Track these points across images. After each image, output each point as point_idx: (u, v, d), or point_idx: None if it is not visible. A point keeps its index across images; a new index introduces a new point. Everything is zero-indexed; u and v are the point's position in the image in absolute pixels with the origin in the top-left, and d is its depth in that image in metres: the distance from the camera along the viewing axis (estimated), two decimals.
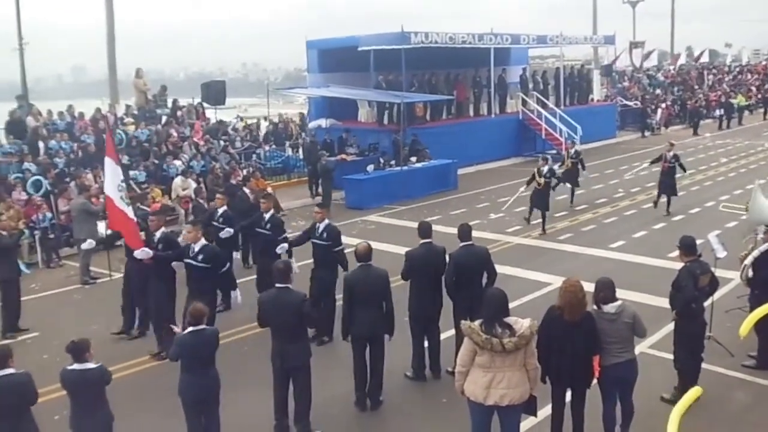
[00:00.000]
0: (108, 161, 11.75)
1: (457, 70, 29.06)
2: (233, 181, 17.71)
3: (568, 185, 19.80)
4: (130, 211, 11.30)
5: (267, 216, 12.00)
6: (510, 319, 6.59)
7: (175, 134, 22.20)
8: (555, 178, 17.88)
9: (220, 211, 13.14)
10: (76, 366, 6.70)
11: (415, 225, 9.96)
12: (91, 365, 6.73)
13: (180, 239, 11.05)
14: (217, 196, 13.68)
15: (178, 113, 24.28)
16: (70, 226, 16.17)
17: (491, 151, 27.77)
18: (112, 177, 11.55)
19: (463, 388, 6.77)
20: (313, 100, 29.71)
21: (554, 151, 26.93)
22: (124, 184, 11.66)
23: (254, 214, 15.77)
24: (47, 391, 7.77)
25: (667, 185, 18.62)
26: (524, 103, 30.06)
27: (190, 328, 7.40)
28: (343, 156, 22.82)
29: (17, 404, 6.58)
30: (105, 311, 12.48)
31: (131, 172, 19.49)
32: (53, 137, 20.15)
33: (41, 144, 19.90)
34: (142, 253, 10.29)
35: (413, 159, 23.37)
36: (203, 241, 9.96)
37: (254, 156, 23.61)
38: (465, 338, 6.68)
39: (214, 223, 12.87)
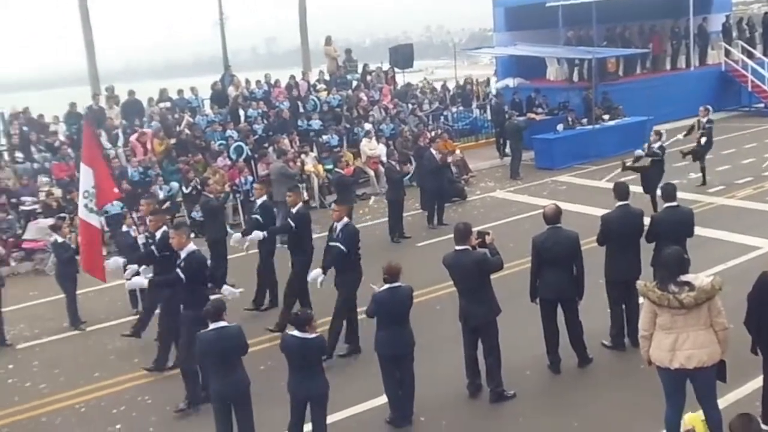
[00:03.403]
0: (82, 166, 11.15)
1: (653, 22, 27.40)
2: (421, 143, 17.87)
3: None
4: (95, 220, 10.86)
5: (293, 210, 10.83)
6: (688, 276, 6.25)
7: (365, 98, 22.69)
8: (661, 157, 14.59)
9: (259, 202, 11.95)
10: (297, 333, 6.99)
11: (608, 186, 9.55)
12: (310, 335, 6.97)
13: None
14: (256, 186, 12.80)
15: (368, 78, 24.76)
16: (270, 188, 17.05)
17: (690, 106, 25.70)
18: (82, 183, 10.96)
19: (649, 355, 6.49)
20: (500, 59, 29.23)
21: (761, 105, 24.83)
22: (93, 190, 10.69)
23: (441, 174, 16.03)
24: (255, 342, 8.25)
25: None
26: (727, 53, 27.85)
27: (387, 285, 7.60)
28: (532, 115, 22.31)
29: (230, 354, 7.05)
30: None
31: (324, 137, 20.22)
32: (251, 105, 21.24)
33: (241, 112, 21.04)
34: (114, 263, 10.04)
35: (606, 117, 22.43)
36: (191, 247, 8.56)
37: (442, 118, 23.66)
38: (644, 300, 6.41)
39: (254, 216, 11.84)
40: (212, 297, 8.35)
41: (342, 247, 9.43)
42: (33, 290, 13.82)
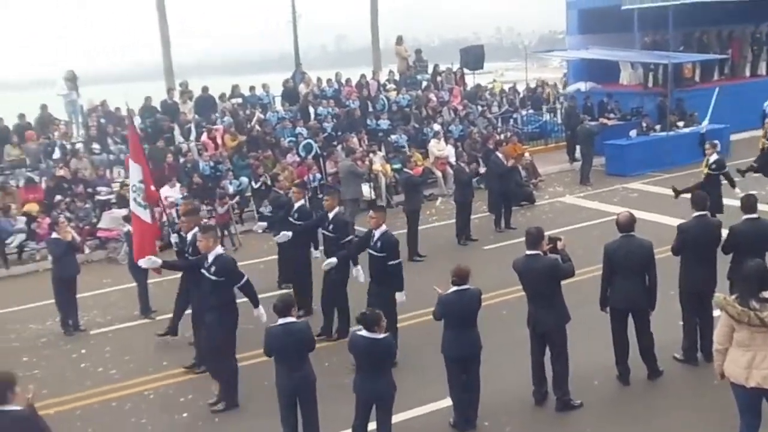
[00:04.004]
0: (130, 162, 11.31)
1: (732, 27, 26.60)
2: (490, 146, 17.75)
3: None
4: (145, 214, 10.71)
5: (331, 215, 10.69)
6: None
7: (434, 99, 22.66)
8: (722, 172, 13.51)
9: (297, 205, 11.80)
10: (365, 333, 6.99)
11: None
12: (379, 336, 6.98)
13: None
14: (294, 189, 12.50)
15: (438, 78, 24.71)
16: (338, 186, 17.16)
17: None
18: (131, 177, 11.06)
19: (722, 369, 6.31)
20: (571, 63, 28.81)
21: None
22: (141, 185, 10.69)
23: (509, 177, 15.88)
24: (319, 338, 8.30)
25: None
26: None
27: (455, 288, 7.57)
28: (604, 120, 21.93)
29: (297, 349, 7.13)
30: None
31: (392, 136, 20.26)
32: (321, 103, 21.41)
33: (311, 109, 21.24)
34: (147, 261, 9.57)
35: (680, 124, 21.90)
36: (218, 249, 8.76)
37: (511, 120, 23.46)
38: (722, 314, 6.24)
39: (290, 219, 11.69)
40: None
41: (388, 260, 9.28)
42: (106, 278, 14.22)
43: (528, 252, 7.90)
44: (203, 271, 8.58)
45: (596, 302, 8.60)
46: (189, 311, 10.13)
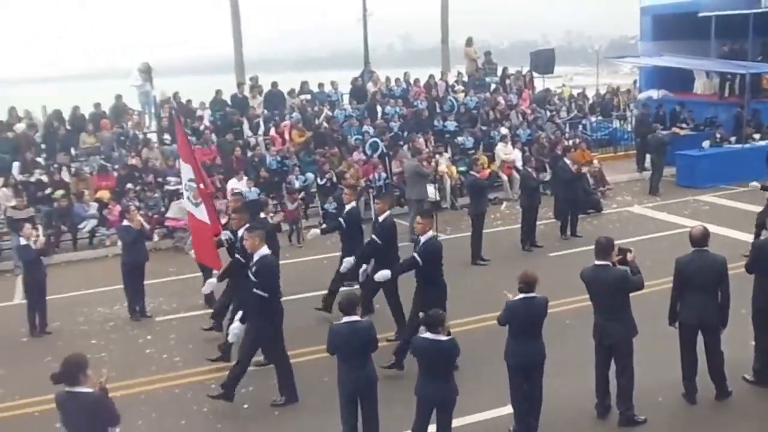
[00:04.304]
0: (180, 161, 11.60)
1: None
2: (558, 151, 17.54)
3: None
4: (199, 212, 10.82)
5: (381, 218, 10.55)
6: None
7: (502, 102, 22.49)
8: None
9: (348, 207, 11.69)
10: (428, 335, 6.97)
11: (756, 209, 8.99)
12: (442, 337, 6.95)
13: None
14: (345, 191, 12.31)
15: (506, 81, 24.50)
16: (402, 186, 17.20)
17: None
18: (183, 176, 11.29)
19: None
20: (643, 69, 28.23)
21: None
22: (192, 184, 10.85)
23: (576, 184, 15.65)
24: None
25: None
26: None
27: (521, 295, 7.48)
28: (677, 130, 21.43)
29: (360, 348, 7.15)
30: None
31: (459, 138, 20.18)
32: (389, 103, 21.44)
33: (379, 108, 21.30)
34: (209, 286, 9.96)
35: (756, 136, 21.24)
36: (264, 250, 8.63)
37: (580, 126, 23.10)
38: None
39: (341, 220, 11.61)
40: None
41: (417, 258, 9.12)
42: (172, 266, 14.50)
43: (597, 262, 7.77)
44: (249, 272, 8.63)
45: (665, 317, 8.41)
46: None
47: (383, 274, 9.55)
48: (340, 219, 11.41)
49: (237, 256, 9.86)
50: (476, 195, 14.41)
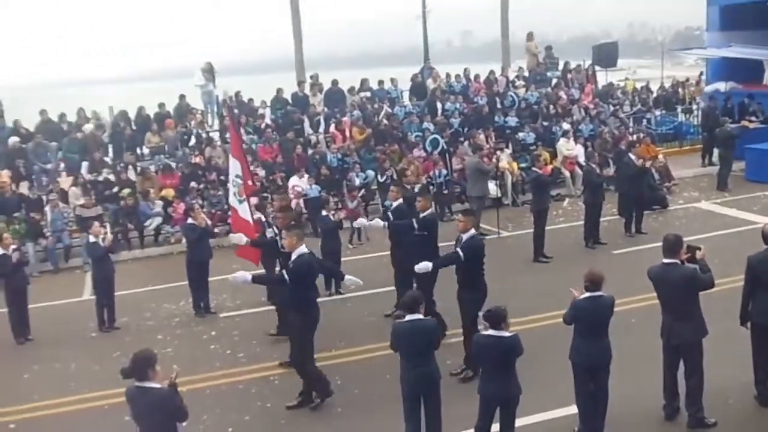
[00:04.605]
0: (230, 157, 11.60)
1: None
2: (622, 146, 17.22)
3: None
4: (242, 209, 10.84)
5: (422, 215, 10.35)
6: None
7: (564, 97, 22.15)
8: None
9: (395, 204, 11.57)
10: (491, 332, 6.93)
11: None
12: (505, 334, 6.90)
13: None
14: (392, 188, 12.18)
15: (568, 75, 24.13)
16: (462, 182, 17.11)
17: None
18: (231, 171, 11.30)
19: None
20: (710, 61, 27.45)
21: None
22: (239, 180, 10.94)
23: (641, 180, 15.31)
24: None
25: None
26: None
27: (588, 294, 7.35)
28: (746, 123, 20.80)
29: (423, 347, 7.12)
30: (493, 265, 12.91)
31: (519, 134, 19.96)
32: (449, 99, 21.33)
33: (439, 105, 21.21)
34: (235, 281, 8.95)
35: None
36: (302, 248, 8.55)
37: (644, 121, 22.60)
38: None
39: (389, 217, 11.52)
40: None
41: (460, 253, 8.96)
42: (236, 263, 14.61)
43: (665, 260, 7.58)
44: (285, 270, 8.64)
45: (735, 316, 8.16)
46: None
47: (424, 266, 9.34)
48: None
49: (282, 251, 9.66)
50: (539, 191, 14.23)
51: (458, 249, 9.09)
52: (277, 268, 10.07)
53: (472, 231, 9.22)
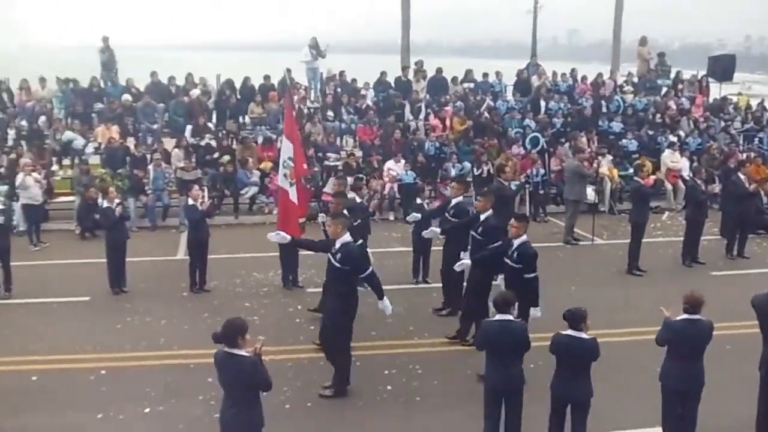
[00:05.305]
0: (283, 138, 11.48)
1: None
2: (731, 164, 16.58)
3: None
4: (291, 192, 10.78)
5: (482, 217, 10.05)
6: None
7: (673, 107, 21.44)
8: None
9: (454, 201, 11.35)
10: (570, 332, 6.85)
11: None
12: (584, 335, 6.82)
13: None
14: (453, 184, 11.98)
15: (679, 85, 23.34)
16: (560, 184, 16.81)
17: None
18: (282, 153, 11.18)
19: None
20: None
21: None
22: (291, 162, 10.91)
23: (748, 201, 14.67)
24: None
25: None
26: None
27: (685, 315, 7.13)
28: None
29: (513, 348, 7.07)
30: (584, 273, 12.70)
31: (623, 141, 19.45)
32: (553, 98, 20.96)
33: (542, 103, 20.87)
34: (278, 236, 9.14)
35: None
36: (346, 237, 8.48)
37: (756, 139, 21.65)
38: None
39: (446, 214, 11.31)
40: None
41: (524, 272, 8.75)
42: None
43: None
44: (330, 256, 8.52)
45: None
46: None
47: (463, 263, 9.41)
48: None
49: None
50: (639, 202, 13.82)
51: (506, 260, 8.90)
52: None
53: (524, 237, 8.95)
